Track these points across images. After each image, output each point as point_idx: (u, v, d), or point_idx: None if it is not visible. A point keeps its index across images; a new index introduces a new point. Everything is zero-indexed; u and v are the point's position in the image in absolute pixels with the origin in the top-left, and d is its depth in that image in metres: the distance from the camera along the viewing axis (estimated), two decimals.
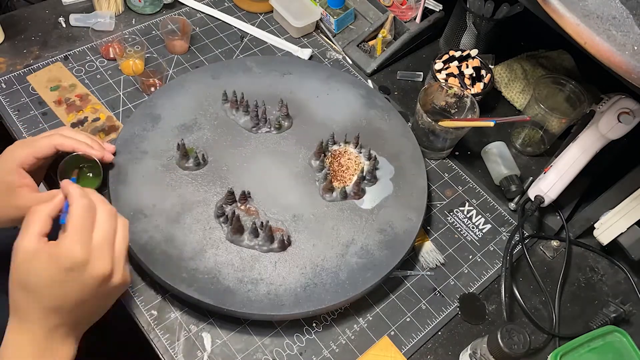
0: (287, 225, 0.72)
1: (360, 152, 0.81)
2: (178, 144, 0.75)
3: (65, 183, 0.54)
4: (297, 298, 0.66)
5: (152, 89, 0.86)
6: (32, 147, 0.64)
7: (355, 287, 0.68)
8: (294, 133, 0.82)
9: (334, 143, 0.81)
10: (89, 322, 0.56)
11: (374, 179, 0.78)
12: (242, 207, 0.73)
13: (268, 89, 0.87)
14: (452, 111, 0.87)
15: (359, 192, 0.77)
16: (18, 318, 0.52)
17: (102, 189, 0.72)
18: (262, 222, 0.70)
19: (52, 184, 0.72)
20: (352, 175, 0.79)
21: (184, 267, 0.67)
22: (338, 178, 0.78)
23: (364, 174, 0.78)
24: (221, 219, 0.71)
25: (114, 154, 0.73)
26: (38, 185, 0.69)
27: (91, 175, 0.71)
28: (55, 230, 0.53)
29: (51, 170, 0.72)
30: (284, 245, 0.70)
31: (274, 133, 0.82)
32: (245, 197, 0.73)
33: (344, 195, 0.76)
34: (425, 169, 0.81)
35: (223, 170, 0.77)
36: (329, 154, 0.80)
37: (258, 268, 0.68)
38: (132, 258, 0.68)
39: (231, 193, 0.72)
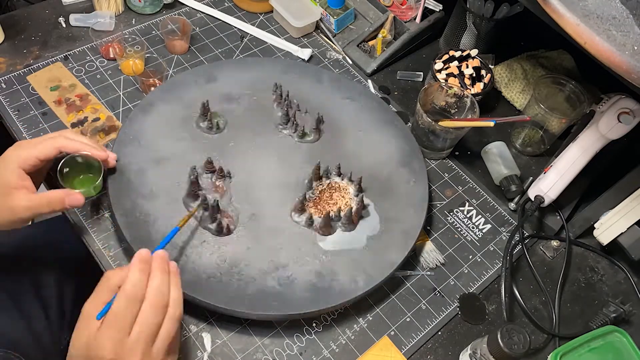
0: (240, 218, 0.72)
1: (357, 196, 0.76)
2: (202, 103, 0.79)
3: (135, 259, 0.53)
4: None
5: (152, 89, 0.86)
6: (35, 148, 0.64)
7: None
8: (312, 149, 0.81)
9: (338, 175, 0.78)
10: None
11: (349, 226, 0.74)
12: (215, 181, 0.74)
13: (322, 102, 0.87)
14: (452, 111, 0.87)
15: (326, 229, 0.72)
16: None
17: (103, 190, 0.72)
18: (214, 200, 0.71)
19: (52, 185, 0.71)
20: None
21: (134, 199, 0.71)
22: (319, 207, 0.75)
23: (340, 214, 0.73)
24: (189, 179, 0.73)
25: (117, 161, 0.72)
26: (38, 186, 0.69)
27: (92, 176, 0.71)
28: None
29: (52, 171, 0.72)
30: (221, 230, 0.70)
31: (295, 139, 0.81)
32: (223, 174, 0.75)
33: (310, 223, 0.73)
34: (407, 251, 0.72)
35: (229, 145, 0.79)
36: (327, 182, 0.77)
37: (186, 237, 0.69)
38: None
39: (210, 162, 0.74)
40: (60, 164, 0.67)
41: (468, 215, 0.83)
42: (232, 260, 0.69)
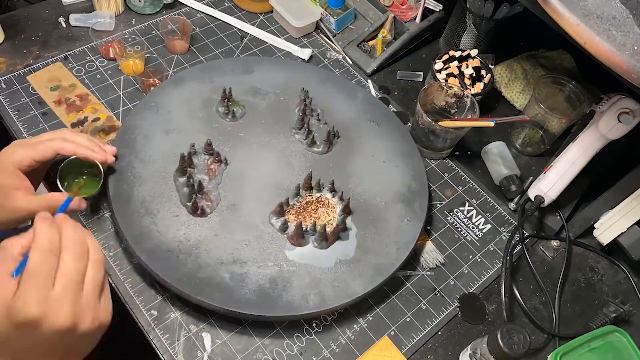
0: (220, 205, 0.73)
1: (341, 215, 0.74)
2: (224, 89, 0.81)
3: (37, 219, 0.49)
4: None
5: (152, 89, 0.86)
6: (32, 149, 0.63)
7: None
8: (317, 159, 0.80)
9: (331, 191, 0.76)
10: None
11: (321, 243, 0.71)
12: (209, 162, 0.76)
13: (345, 119, 0.86)
14: (452, 111, 0.87)
15: (297, 239, 0.71)
16: None
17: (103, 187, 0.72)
18: (199, 181, 0.72)
19: (53, 185, 0.71)
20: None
21: (132, 160, 0.74)
22: (300, 216, 0.73)
23: (316, 229, 0.71)
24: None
25: (115, 156, 0.72)
26: (37, 187, 0.68)
27: (92, 178, 0.71)
28: None
29: (51, 170, 0.72)
30: (195, 210, 0.71)
31: (304, 146, 0.81)
32: (219, 159, 0.76)
33: (284, 229, 0.72)
34: (371, 288, 0.69)
35: (238, 134, 0.81)
36: (318, 195, 0.76)
37: (162, 206, 0.71)
38: None
39: (209, 145, 0.76)
40: (60, 168, 0.67)
41: (468, 215, 0.83)
42: (195, 242, 0.69)
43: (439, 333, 0.71)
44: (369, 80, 0.97)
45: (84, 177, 0.71)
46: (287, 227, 0.72)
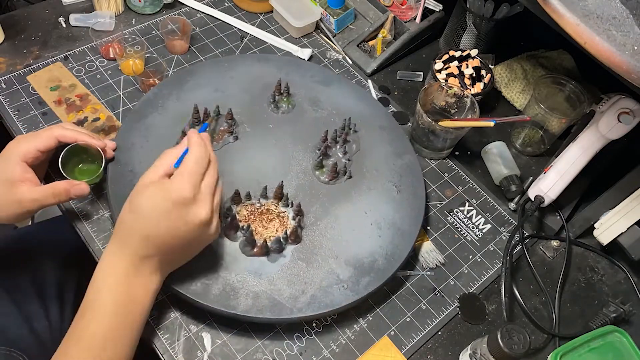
0: None
1: (284, 237, 0.70)
2: (278, 81, 0.84)
3: (191, 132, 0.62)
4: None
5: (152, 88, 0.86)
6: (35, 140, 0.65)
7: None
8: (312, 183, 0.77)
9: (296, 212, 0.72)
10: (178, 262, 0.62)
11: (245, 247, 0.69)
12: (221, 128, 0.80)
13: (372, 165, 0.81)
14: (452, 111, 0.87)
15: (229, 232, 0.69)
16: (118, 241, 0.58)
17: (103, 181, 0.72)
18: (214, 113, 0.78)
19: (47, 180, 0.71)
20: (267, 230, 0.72)
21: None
22: (250, 216, 0.72)
23: (248, 232, 0.68)
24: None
25: (114, 150, 0.73)
26: (42, 179, 0.69)
27: (92, 165, 0.71)
28: None
29: (50, 167, 0.72)
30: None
31: (311, 163, 0.79)
32: (231, 130, 0.79)
33: (226, 216, 0.69)
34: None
35: (267, 126, 0.83)
36: (284, 210, 0.73)
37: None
38: None
39: (230, 113, 0.80)
40: (62, 154, 0.68)
41: (468, 215, 0.83)
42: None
43: (439, 333, 0.71)
44: (369, 80, 0.97)
45: (86, 164, 0.72)
46: (229, 215, 0.69)
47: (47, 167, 0.73)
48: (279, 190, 0.73)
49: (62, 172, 0.67)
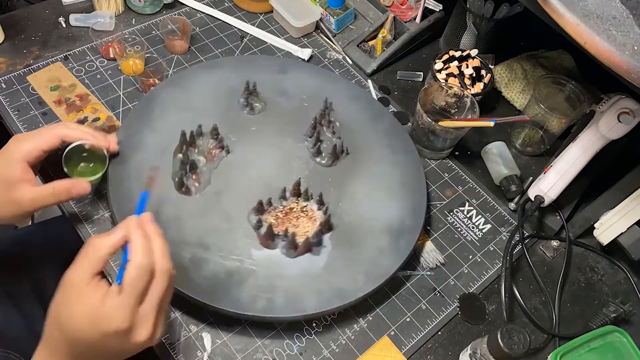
0: (206, 189, 0.74)
1: (319, 229, 0.71)
2: (247, 82, 0.84)
3: (131, 227, 0.51)
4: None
5: (152, 88, 0.86)
6: (39, 139, 0.63)
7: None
8: (318, 170, 0.79)
9: (318, 202, 0.74)
10: None
11: (289, 251, 0.70)
12: (211, 148, 0.77)
13: (361, 137, 0.83)
14: (452, 111, 0.87)
15: (267, 242, 0.70)
16: (48, 350, 0.51)
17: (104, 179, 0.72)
18: (192, 161, 0.74)
19: (47, 177, 0.71)
20: (296, 228, 0.72)
21: (142, 128, 0.76)
22: (279, 220, 0.72)
23: (288, 237, 0.69)
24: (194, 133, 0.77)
25: (118, 144, 0.73)
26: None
27: (95, 164, 0.71)
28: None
29: (45, 163, 0.71)
30: (180, 187, 0.72)
31: (309, 153, 0.80)
32: (222, 146, 0.78)
33: (257, 227, 0.71)
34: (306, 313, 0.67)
35: (250, 129, 0.82)
36: (305, 205, 0.74)
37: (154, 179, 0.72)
38: None
39: (215, 129, 0.78)
40: (65, 152, 0.67)
41: (468, 215, 0.83)
42: (167, 216, 0.70)
43: (439, 333, 0.71)
44: (369, 80, 0.97)
45: (87, 163, 0.71)
46: (261, 225, 0.71)
47: (48, 167, 0.73)
48: (297, 187, 0.74)
49: (65, 170, 0.67)
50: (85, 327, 0.48)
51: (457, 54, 0.91)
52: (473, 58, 0.91)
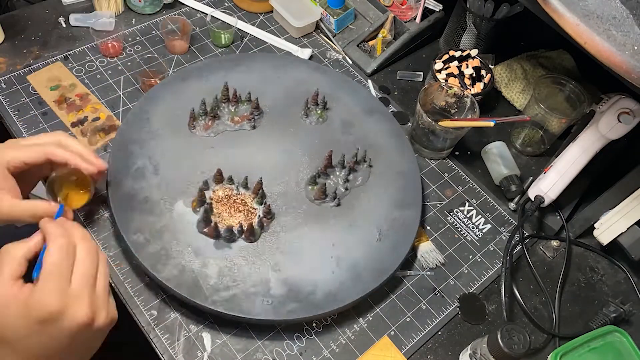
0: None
1: (257, 219, 0.72)
2: (316, 91, 0.83)
3: (44, 222, 0.51)
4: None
5: (152, 88, 0.86)
6: (22, 151, 0.61)
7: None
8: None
9: (266, 215, 0.73)
10: None
11: (225, 238, 0.70)
12: (232, 109, 0.81)
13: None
14: (452, 111, 0.87)
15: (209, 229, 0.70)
16: None
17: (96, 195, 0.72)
18: (215, 110, 0.78)
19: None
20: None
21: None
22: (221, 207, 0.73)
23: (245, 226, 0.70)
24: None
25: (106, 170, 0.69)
26: (27, 193, 0.66)
27: (81, 190, 0.67)
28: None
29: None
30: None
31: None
32: (254, 114, 0.80)
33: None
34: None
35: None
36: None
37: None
38: None
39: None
40: (50, 177, 0.65)
41: (468, 215, 0.83)
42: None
43: (439, 333, 0.71)
44: (369, 80, 0.97)
45: (75, 186, 0.67)
46: (203, 189, 0.72)
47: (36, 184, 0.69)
48: (258, 186, 0.73)
49: (50, 192, 0.64)
50: (22, 324, 0.46)
51: (457, 54, 0.91)
52: (473, 58, 0.91)
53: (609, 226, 0.77)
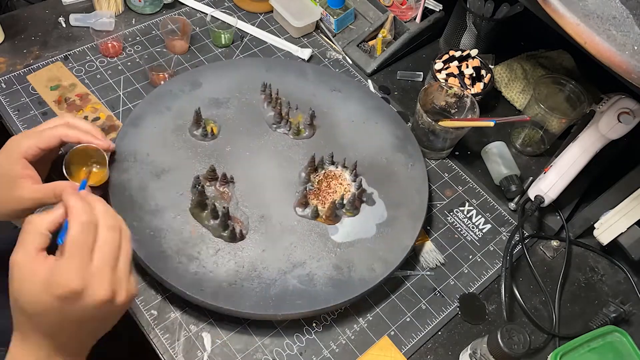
0: (250, 222, 0.72)
1: (354, 181, 0.77)
2: (195, 111, 0.78)
3: (67, 194, 0.50)
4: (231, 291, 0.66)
5: (162, 82, 0.86)
6: (37, 137, 0.64)
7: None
8: (309, 143, 0.81)
9: (332, 163, 0.79)
10: (95, 338, 0.53)
11: (353, 210, 0.75)
12: (219, 188, 0.74)
13: (310, 97, 0.87)
14: (452, 111, 0.87)
15: (332, 217, 0.73)
16: (20, 336, 0.49)
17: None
18: (223, 207, 0.70)
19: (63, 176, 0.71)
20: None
21: (141, 217, 0.70)
22: (320, 198, 0.76)
23: (344, 200, 0.74)
24: (194, 190, 0.73)
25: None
26: (44, 177, 0.68)
27: (98, 167, 0.71)
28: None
29: (58, 161, 0.70)
30: (235, 237, 0.70)
31: (290, 137, 0.82)
32: (227, 180, 0.75)
33: (315, 214, 0.73)
34: (417, 233, 0.74)
35: (226, 150, 0.79)
36: (322, 172, 0.78)
37: (200, 247, 0.69)
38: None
39: (212, 170, 0.74)
40: (65, 158, 0.67)
41: (468, 215, 0.83)
42: (250, 265, 0.69)
43: (439, 333, 0.71)
44: (369, 80, 0.97)
45: (90, 166, 0.71)
46: (318, 212, 0.74)
47: (52, 172, 0.72)
48: (312, 163, 0.77)
49: (65, 173, 0.67)
50: (42, 299, 0.46)
51: (457, 54, 0.91)
52: (473, 58, 0.91)
53: (609, 226, 0.77)
